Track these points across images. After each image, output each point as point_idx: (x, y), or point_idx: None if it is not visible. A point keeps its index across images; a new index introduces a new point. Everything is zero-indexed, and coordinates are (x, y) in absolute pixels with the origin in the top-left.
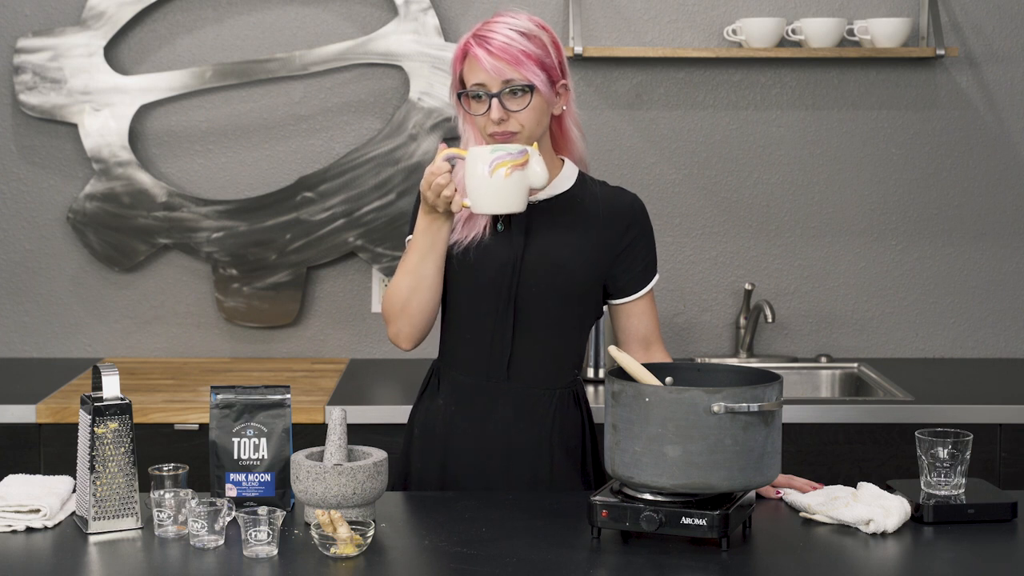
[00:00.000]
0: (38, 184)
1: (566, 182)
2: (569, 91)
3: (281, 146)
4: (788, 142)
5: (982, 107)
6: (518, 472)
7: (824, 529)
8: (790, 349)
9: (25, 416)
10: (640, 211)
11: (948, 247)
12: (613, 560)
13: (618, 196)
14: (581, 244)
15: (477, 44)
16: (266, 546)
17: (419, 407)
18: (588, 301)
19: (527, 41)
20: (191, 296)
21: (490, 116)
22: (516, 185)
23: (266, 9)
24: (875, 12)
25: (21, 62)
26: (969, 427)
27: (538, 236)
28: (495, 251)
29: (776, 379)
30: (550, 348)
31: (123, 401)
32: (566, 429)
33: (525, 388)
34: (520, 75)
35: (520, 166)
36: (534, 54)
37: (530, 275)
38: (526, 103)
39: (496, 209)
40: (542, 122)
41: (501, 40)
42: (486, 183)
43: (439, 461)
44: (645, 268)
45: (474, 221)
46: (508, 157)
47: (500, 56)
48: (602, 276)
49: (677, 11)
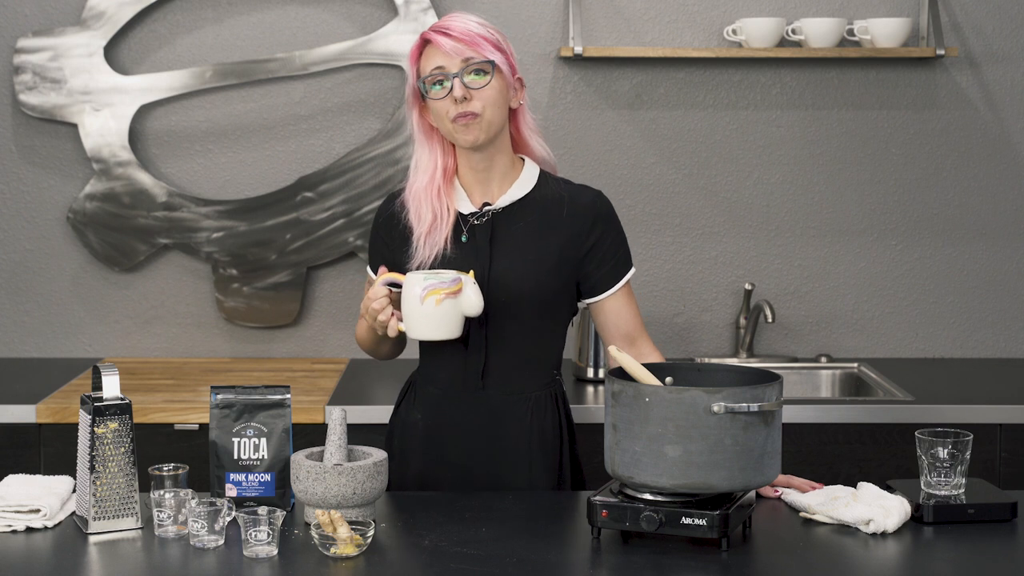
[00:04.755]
0: (38, 184)
1: (527, 185)
2: (524, 89)
3: (281, 146)
4: (788, 142)
5: (982, 107)
6: (496, 477)
7: (824, 529)
8: (790, 349)
9: (25, 416)
10: (603, 207)
11: (948, 247)
12: (613, 560)
13: (580, 194)
14: (546, 247)
15: (436, 32)
16: (266, 546)
17: (395, 421)
18: (560, 304)
19: (483, 28)
20: (191, 296)
21: (452, 95)
22: (448, 313)
23: (266, 9)
24: (875, 12)
25: (21, 62)
26: (969, 427)
27: (503, 245)
28: (461, 266)
29: (776, 379)
30: (525, 355)
31: (123, 401)
32: (544, 431)
33: (500, 396)
34: (479, 54)
35: (453, 294)
36: (491, 38)
37: (498, 286)
38: (487, 81)
39: (429, 336)
40: (502, 108)
41: (459, 24)
42: (418, 310)
43: (418, 471)
44: (615, 264)
45: (435, 237)
46: (441, 285)
47: (459, 38)
48: (572, 277)
49: (677, 11)
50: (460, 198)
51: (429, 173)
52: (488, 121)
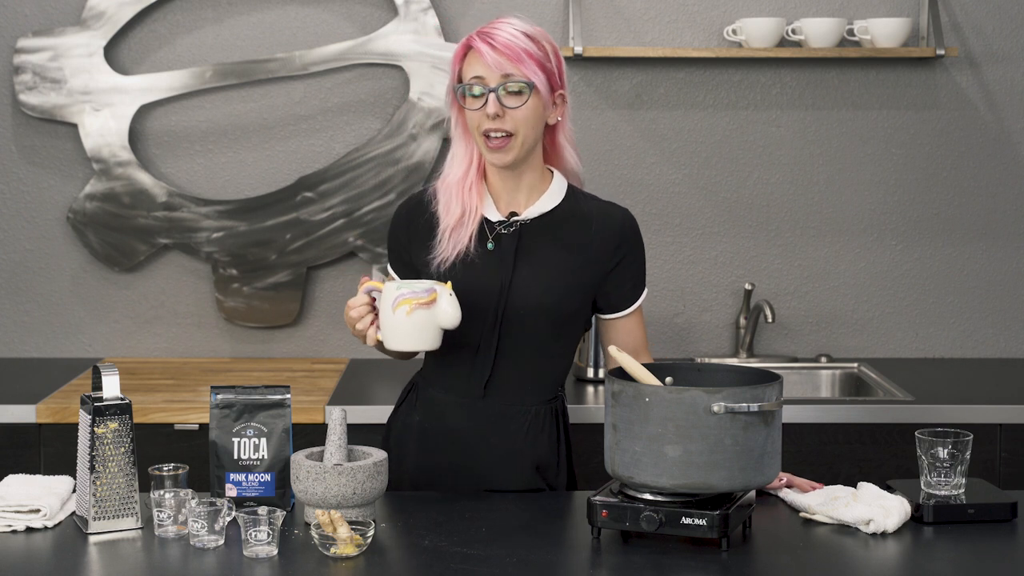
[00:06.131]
0: (38, 184)
1: (555, 198)
2: (566, 104)
3: (281, 146)
4: (788, 142)
5: (982, 107)
6: (486, 483)
7: (824, 529)
8: (790, 349)
9: (25, 416)
10: (631, 228)
11: (948, 247)
12: (613, 560)
13: (609, 213)
14: (571, 264)
15: (480, 39)
16: (266, 546)
17: (394, 421)
18: (576, 321)
19: (530, 42)
20: (191, 296)
21: (486, 111)
22: (421, 324)
23: (266, 9)
24: (875, 12)
25: (21, 62)
26: (969, 427)
27: (528, 256)
28: (483, 272)
29: (776, 379)
30: (532, 369)
31: (123, 401)
32: (540, 444)
33: (501, 406)
34: (520, 72)
35: (425, 304)
36: (536, 55)
37: (518, 298)
38: (523, 101)
39: (401, 347)
40: (536, 127)
41: (505, 37)
42: (390, 319)
43: (411, 471)
44: (634, 285)
45: (460, 233)
46: (411, 295)
47: (502, 51)
48: (591, 295)
49: (677, 11)
50: (487, 204)
51: (464, 167)
52: (521, 142)
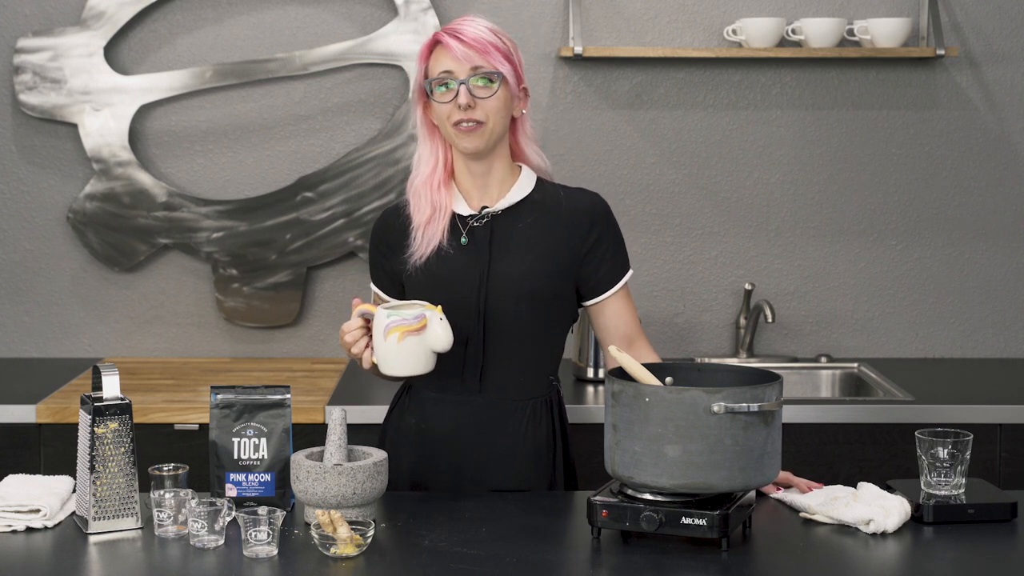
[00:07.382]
0: (38, 184)
1: (524, 189)
2: (528, 98)
3: (281, 146)
4: (788, 142)
5: (982, 107)
6: (485, 480)
7: (824, 529)
8: (790, 349)
9: (25, 416)
10: (601, 209)
11: (948, 247)
12: (613, 560)
13: (578, 197)
14: (545, 249)
15: (448, 35)
16: (266, 546)
17: (388, 423)
18: (560, 306)
19: (495, 37)
20: (191, 296)
21: (457, 101)
22: (412, 350)
23: (266, 9)
24: (875, 12)
25: (21, 62)
26: (969, 427)
27: (502, 246)
28: (460, 267)
29: (776, 379)
30: (523, 359)
31: (123, 401)
32: (538, 438)
33: (498, 400)
34: (488, 63)
35: (415, 331)
36: (502, 48)
37: (497, 287)
38: (493, 91)
39: (396, 372)
40: (505, 117)
41: (472, 31)
42: (382, 346)
43: (408, 471)
44: (614, 266)
45: (432, 229)
46: (402, 323)
47: (471, 44)
48: (571, 279)
49: (677, 11)
50: (457, 200)
51: (430, 167)
52: (491, 129)
